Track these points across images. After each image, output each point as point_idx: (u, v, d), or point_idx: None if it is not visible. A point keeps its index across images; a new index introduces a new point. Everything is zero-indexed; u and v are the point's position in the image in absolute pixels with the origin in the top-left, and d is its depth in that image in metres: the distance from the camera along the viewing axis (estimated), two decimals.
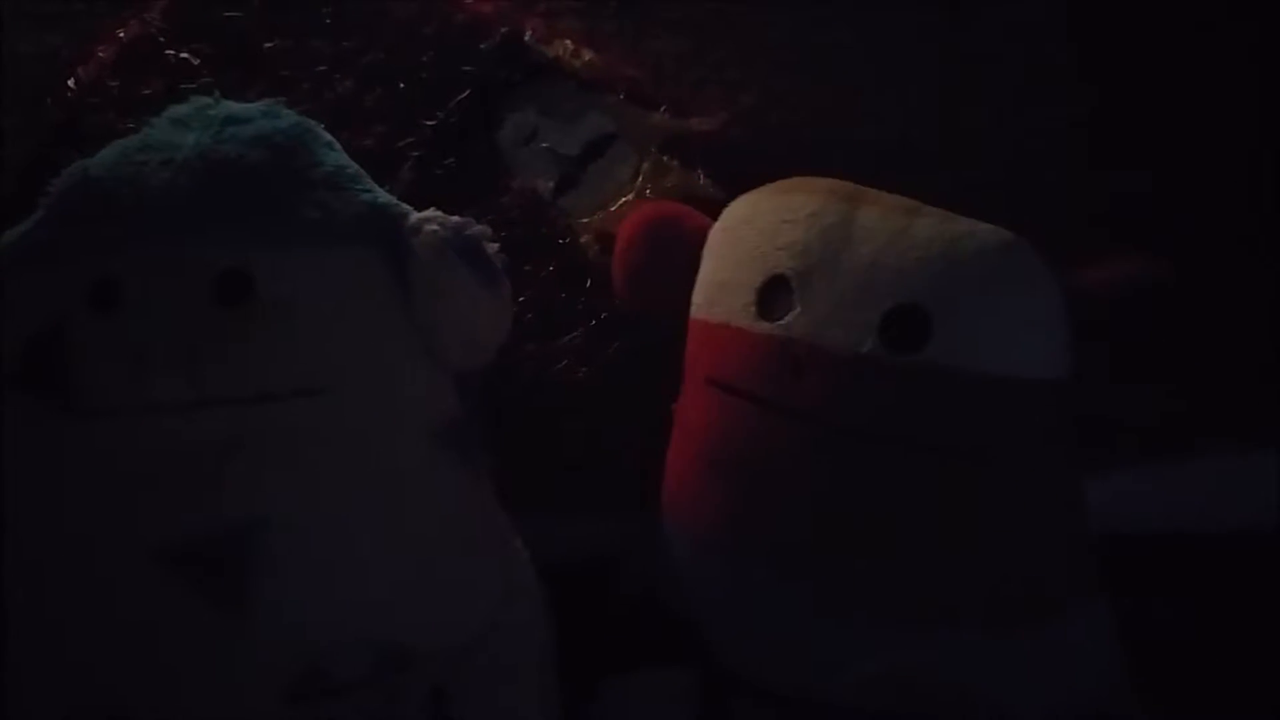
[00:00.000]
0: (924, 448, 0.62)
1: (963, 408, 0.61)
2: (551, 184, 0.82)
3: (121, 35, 0.82)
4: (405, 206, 0.64)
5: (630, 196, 0.82)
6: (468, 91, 0.83)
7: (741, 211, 0.69)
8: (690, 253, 0.70)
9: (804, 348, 0.63)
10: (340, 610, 0.59)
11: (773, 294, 0.65)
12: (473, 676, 0.64)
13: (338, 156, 0.65)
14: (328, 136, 0.65)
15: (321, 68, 0.82)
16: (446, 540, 0.63)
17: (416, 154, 0.81)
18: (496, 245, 0.64)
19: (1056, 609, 0.64)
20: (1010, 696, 0.63)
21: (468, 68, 0.83)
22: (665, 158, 0.82)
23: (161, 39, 0.82)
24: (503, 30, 0.84)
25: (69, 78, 0.81)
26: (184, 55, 0.81)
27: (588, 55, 0.84)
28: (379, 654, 0.60)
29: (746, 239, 0.67)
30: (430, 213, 0.63)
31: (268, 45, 0.82)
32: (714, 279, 0.68)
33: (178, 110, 0.64)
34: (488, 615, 0.65)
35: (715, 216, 0.71)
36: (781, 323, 0.64)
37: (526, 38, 0.84)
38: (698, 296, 0.69)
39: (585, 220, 0.82)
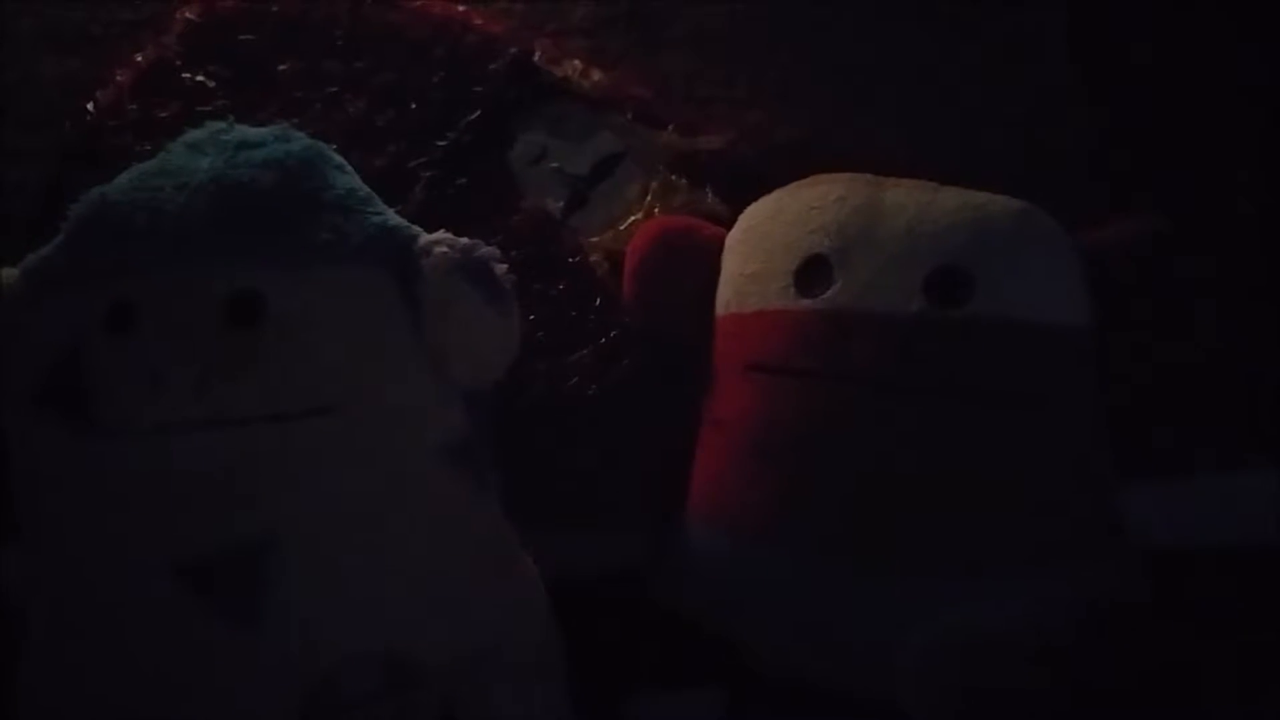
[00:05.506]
0: (973, 397, 0.67)
1: (1008, 354, 0.67)
2: (561, 203, 0.83)
3: (139, 59, 0.83)
4: (415, 228, 0.65)
5: (639, 215, 0.82)
6: (478, 112, 0.83)
7: (765, 209, 0.73)
8: (703, 263, 0.72)
9: (851, 316, 0.67)
10: (350, 624, 0.60)
11: (810, 274, 0.69)
12: (481, 689, 0.64)
13: (348, 179, 0.66)
14: (339, 159, 0.67)
15: (334, 89, 0.83)
16: (454, 555, 0.64)
17: (428, 174, 0.81)
18: (505, 266, 0.65)
19: (1091, 551, 0.68)
20: (1058, 639, 0.66)
21: (478, 88, 0.84)
22: (674, 176, 0.83)
23: (178, 63, 0.83)
24: (512, 51, 0.84)
25: (88, 101, 0.82)
26: (200, 78, 0.82)
27: (596, 75, 0.85)
28: (388, 667, 0.61)
29: (774, 232, 0.72)
30: (439, 235, 0.64)
31: (281, 67, 0.83)
32: (742, 273, 0.72)
33: (193, 135, 0.66)
34: (495, 629, 0.65)
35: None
36: (825, 297, 0.68)
37: (536, 58, 0.85)
38: (725, 294, 0.72)
39: (594, 239, 0.82)
